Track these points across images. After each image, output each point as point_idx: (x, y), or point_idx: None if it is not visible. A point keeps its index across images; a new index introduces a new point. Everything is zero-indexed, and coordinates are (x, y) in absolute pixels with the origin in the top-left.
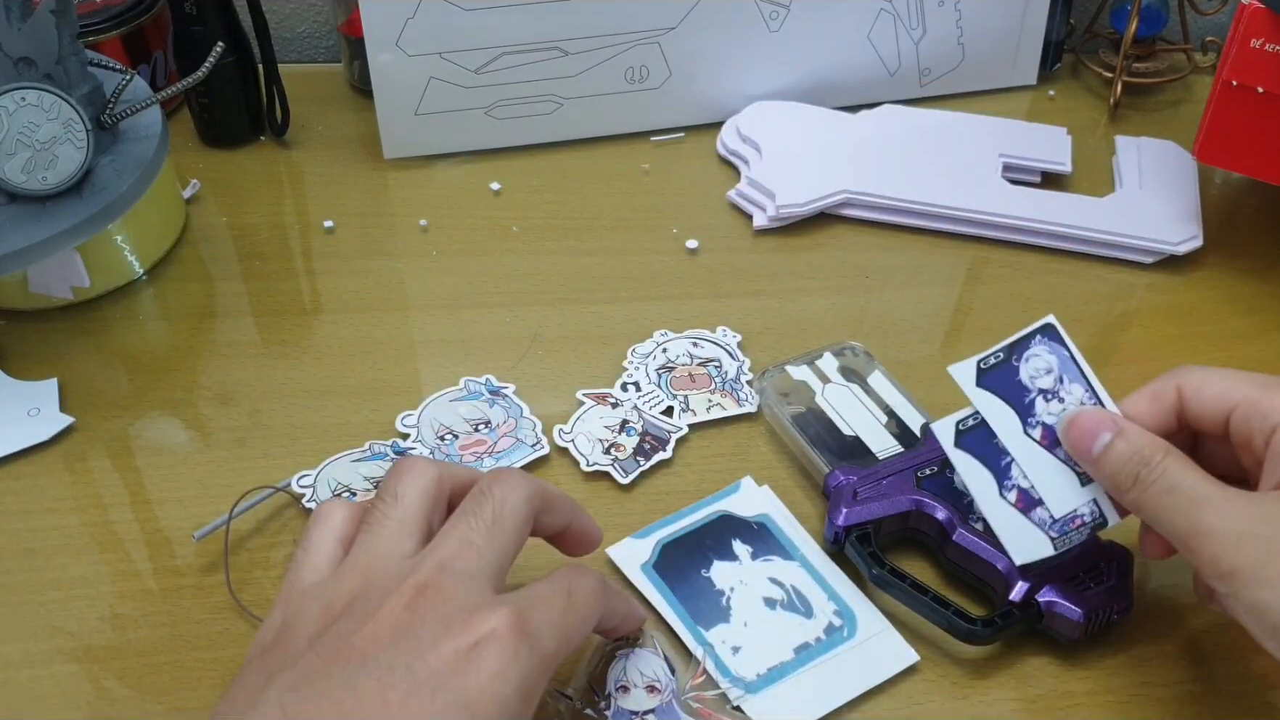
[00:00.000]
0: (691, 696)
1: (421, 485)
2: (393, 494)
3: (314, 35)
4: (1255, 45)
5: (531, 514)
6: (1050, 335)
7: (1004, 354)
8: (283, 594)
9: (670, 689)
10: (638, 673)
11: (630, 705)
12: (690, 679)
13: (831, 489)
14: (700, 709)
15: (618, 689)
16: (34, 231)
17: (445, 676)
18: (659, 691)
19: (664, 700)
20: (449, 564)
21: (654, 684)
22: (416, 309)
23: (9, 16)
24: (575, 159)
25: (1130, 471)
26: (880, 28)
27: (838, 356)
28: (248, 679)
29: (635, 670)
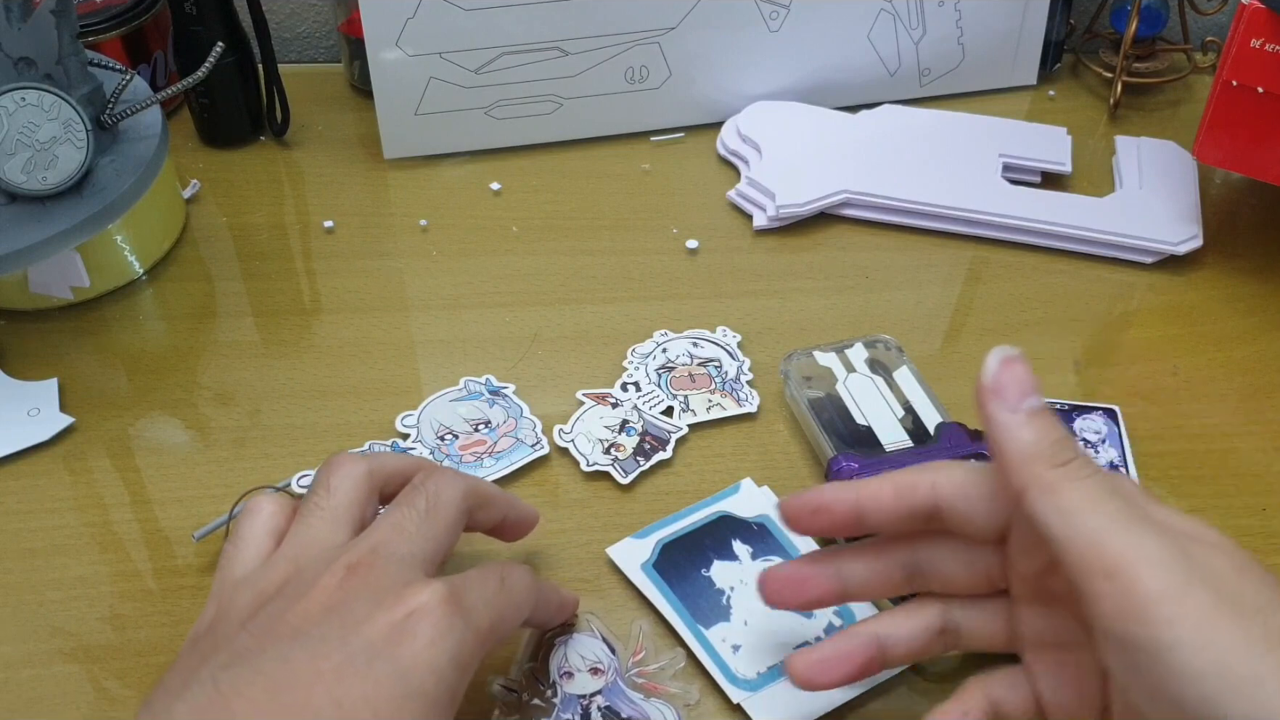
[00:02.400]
0: (635, 673)
1: (354, 478)
2: (325, 487)
3: (314, 35)
4: (1255, 45)
5: (465, 509)
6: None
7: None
8: (214, 588)
9: (613, 668)
10: (579, 657)
11: (576, 689)
12: (631, 656)
13: (833, 473)
14: (645, 684)
15: (562, 675)
16: (34, 231)
17: (379, 646)
18: (603, 672)
19: (609, 680)
20: (381, 547)
21: (597, 665)
22: (416, 309)
23: (9, 16)
24: (575, 159)
25: (1065, 448)
26: (880, 28)
27: (869, 348)
28: (181, 664)
29: (576, 654)
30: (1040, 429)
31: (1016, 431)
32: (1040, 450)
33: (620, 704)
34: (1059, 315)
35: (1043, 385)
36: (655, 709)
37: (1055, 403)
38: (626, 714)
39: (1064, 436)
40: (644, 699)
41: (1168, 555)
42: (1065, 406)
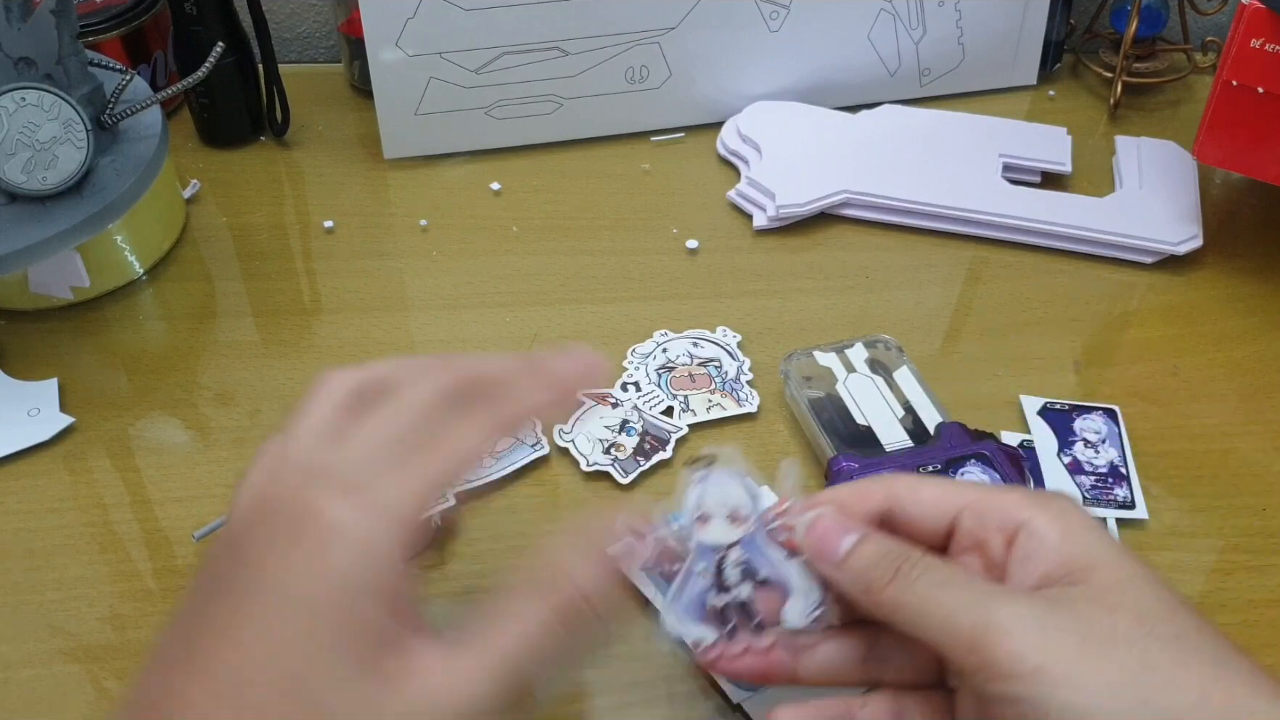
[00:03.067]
0: (778, 525)
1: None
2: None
3: (314, 35)
4: (1255, 45)
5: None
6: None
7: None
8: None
9: (755, 518)
10: (716, 499)
11: (711, 538)
12: (777, 506)
13: (832, 472)
14: (789, 540)
15: (697, 519)
16: (34, 231)
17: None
18: (742, 521)
19: (748, 531)
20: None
21: (736, 512)
22: (416, 309)
23: (9, 16)
24: (575, 159)
25: (889, 565)
26: (880, 28)
27: (869, 348)
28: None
29: (714, 497)
30: (859, 565)
31: (845, 580)
32: (868, 582)
33: (759, 562)
34: (1059, 315)
35: (1044, 386)
36: (798, 571)
37: (1055, 403)
38: (764, 574)
39: (882, 554)
40: (786, 558)
41: (1019, 612)
42: (1065, 406)
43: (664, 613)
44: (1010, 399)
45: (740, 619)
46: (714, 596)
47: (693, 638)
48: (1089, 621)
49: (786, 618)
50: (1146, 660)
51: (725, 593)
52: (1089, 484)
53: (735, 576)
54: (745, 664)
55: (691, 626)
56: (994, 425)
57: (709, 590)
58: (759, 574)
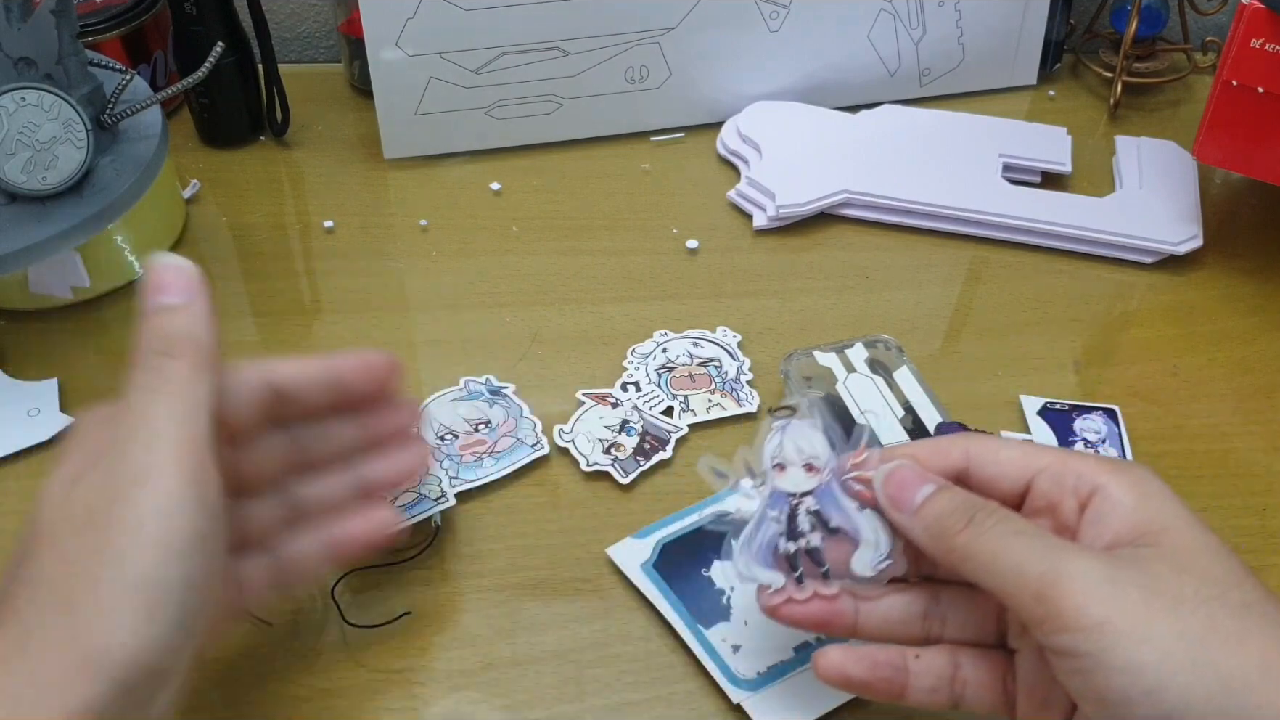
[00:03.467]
0: (853, 477)
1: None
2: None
3: (314, 35)
4: (1255, 45)
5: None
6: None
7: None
8: None
9: (831, 468)
10: (795, 448)
11: (787, 485)
12: (853, 455)
13: None
14: (862, 491)
15: (774, 466)
16: (34, 231)
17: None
18: (818, 471)
19: (823, 481)
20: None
21: (813, 461)
22: (416, 309)
23: (9, 16)
24: (575, 159)
25: (964, 513)
26: (880, 28)
27: (869, 348)
28: None
29: (792, 444)
30: (934, 512)
31: (918, 528)
32: (942, 529)
33: (831, 510)
34: (1059, 315)
35: (1044, 386)
36: (868, 522)
37: (1055, 403)
38: (836, 523)
39: (958, 504)
40: (858, 509)
41: (1088, 566)
42: (1065, 406)
43: (735, 555)
44: (1010, 399)
45: (808, 566)
46: (785, 543)
47: (762, 580)
48: (1158, 581)
49: (855, 566)
50: (1212, 623)
51: (796, 540)
52: None
53: (807, 524)
54: (810, 610)
55: (761, 570)
56: (994, 425)
57: (780, 536)
58: (831, 523)
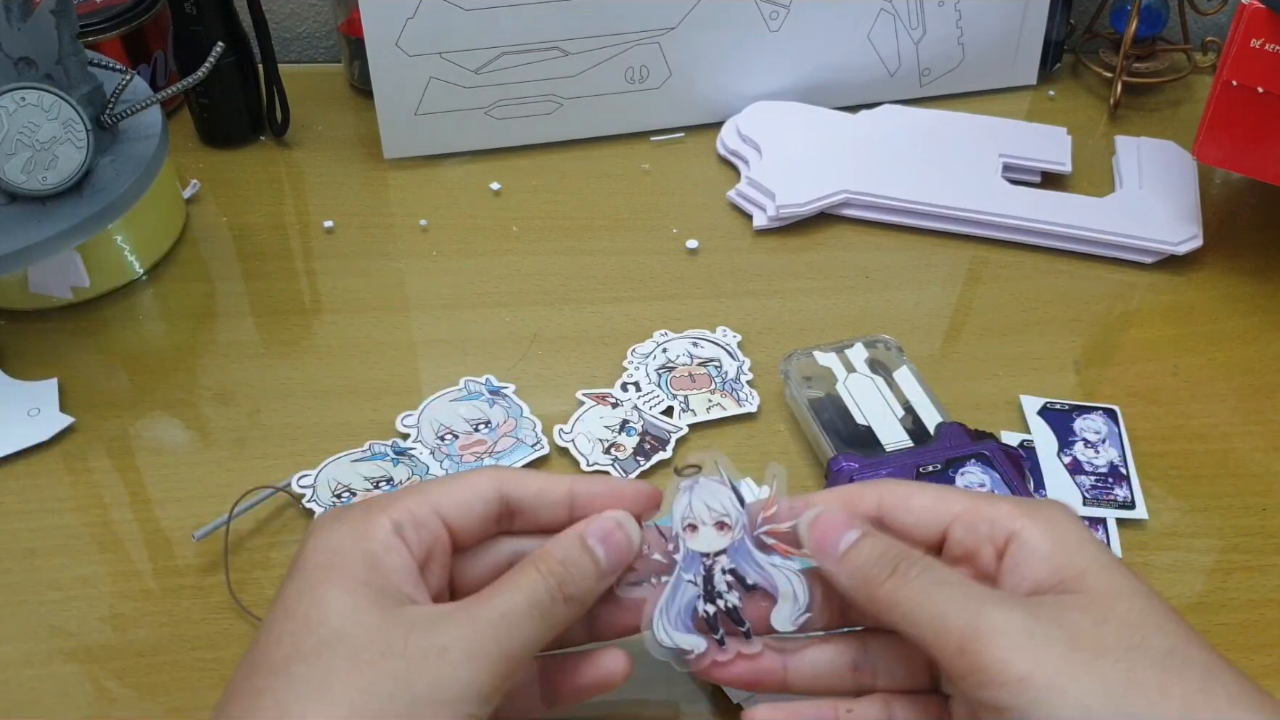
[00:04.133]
0: (765, 531)
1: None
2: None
3: (314, 35)
4: (1255, 45)
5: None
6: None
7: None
8: None
9: (741, 524)
10: (705, 506)
11: (700, 546)
12: (762, 511)
13: (833, 472)
14: (775, 545)
15: (685, 528)
16: (34, 231)
17: (290, 573)
18: (730, 528)
19: (736, 538)
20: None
21: (724, 519)
22: (416, 309)
23: (9, 16)
24: (575, 159)
25: (888, 562)
26: (880, 28)
27: (869, 348)
28: None
29: (702, 504)
30: (859, 560)
31: (844, 575)
32: (866, 577)
33: (746, 568)
34: (1059, 315)
35: (1044, 386)
36: (783, 575)
37: (1055, 403)
38: (753, 580)
39: (882, 551)
40: (773, 563)
41: (1009, 618)
42: (1065, 406)
43: (655, 622)
44: (1010, 399)
45: (728, 626)
46: (703, 605)
47: (684, 646)
48: (1078, 631)
49: (774, 622)
50: (1133, 674)
51: (714, 601)
52: (1089, 484)
53: (724, 584)
54: (736, 672)
55: (682, 636)
56: (994, 425)
57: (698, 598)
58: (747, 580)
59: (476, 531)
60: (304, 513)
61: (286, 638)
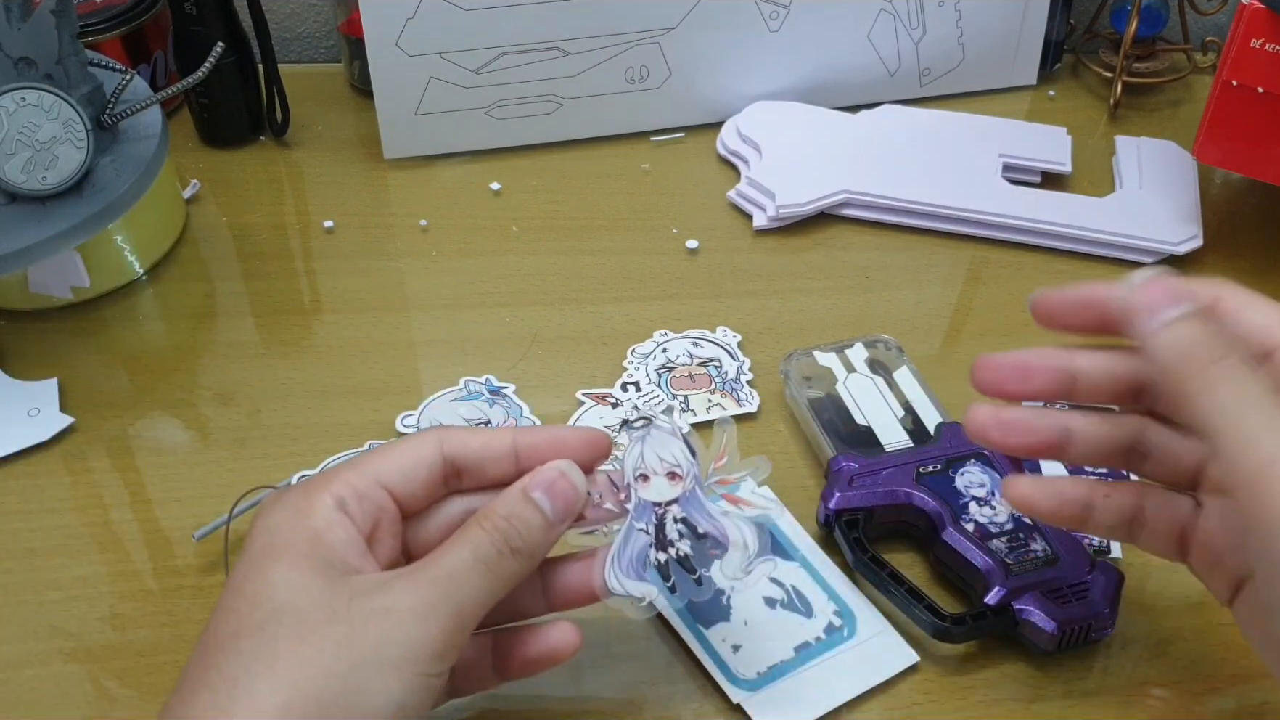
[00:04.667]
0: (716, 481)
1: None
2: None
3: (314, 35)
4: (1255, 45)
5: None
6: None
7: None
8: None
9: (693, 474)
10: (656, 457)
11: (651, 495)
12: (713, 460)
13: (832, 472)
14: (726, 495)
15: (637, 478)
16: (34, 231)
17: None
18: (681, 478)
19: (687, 488)
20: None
21: (675, 469)
22: (416, 309)
23: (9, 16)
24: (575, 159)
25: (1213, 350)
26: (880, 28)
27: (869, 348)
28: None
29: (653, 454)
30: (1183, 337)
31: (1160, 347)
32: (1186, 356)
33: (698, 516)
34: None
35: None
36: (734, 525)
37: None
38: (704, 529)
39: (1212, 336)
40: (723, 512)
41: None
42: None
43: (606, 570)
44: None
45: (680, 574)
46: (655, 553)
47: (635, 594)
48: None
49: (724, 570)
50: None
51: (665, 549)
52: None
53: (675, 532)
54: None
55: (633, 583)
56: None
57: (650, 546)
58: (699, 528)
59: (423, 495)
60: None
61: (233, 614)
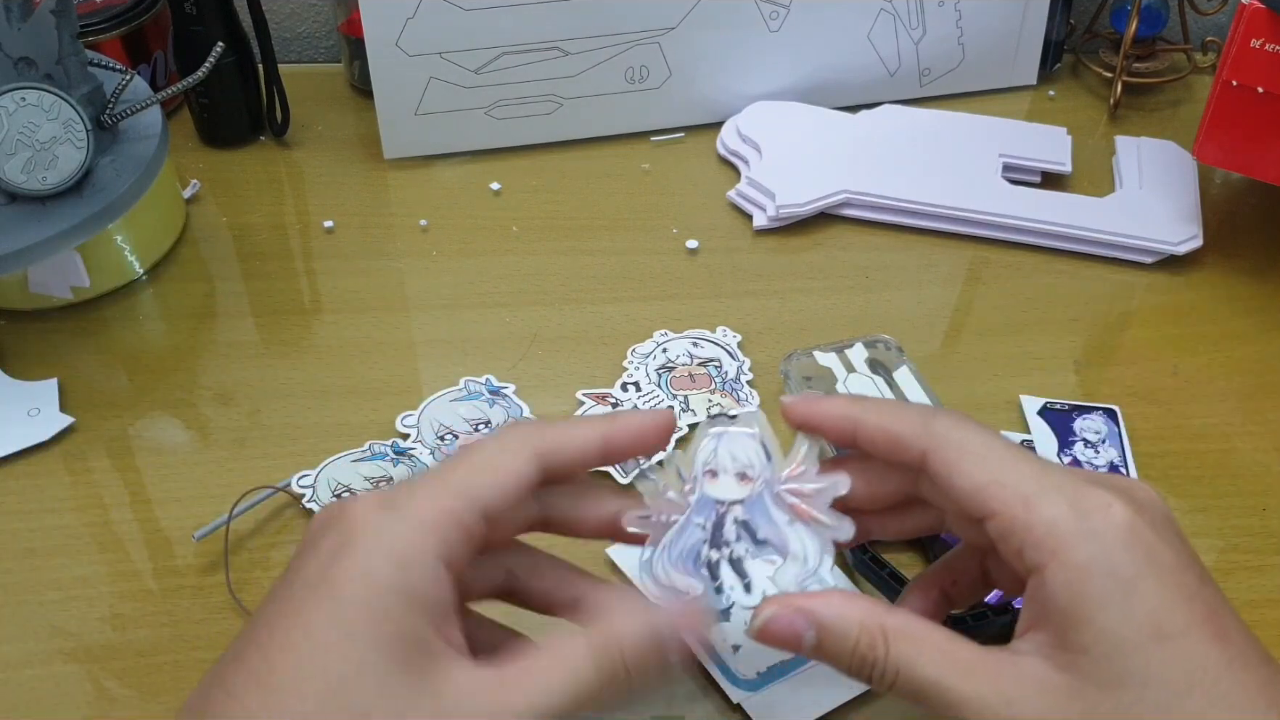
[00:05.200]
0: (787, 489)
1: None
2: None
3: (314, 35)
4: (1255, 45)
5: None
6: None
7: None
8: None
9: (764, 479)
10: (729, 456)
11: (716, 493)
12: (789, 468)
13: None
14: (795, 505)
15: (705, 472)
16: (34, 231)
17: (314, 577)
18: (751, 481)
19: (754, 491)
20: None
21: (747, 471)
22: (416, 309)
23: (9, 16)
24: (575, 159)
25: (860, 668)
26: (880, 28)
27: (869, 348)
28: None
29: (727, 453)
30: (831, 659)
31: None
32: (856, 677)
33: (759, 521)
34: (1059, 315)
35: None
36: (797, 536)
37: (1055, 403)
38: (763, 535)
39: (848, 658)
40: (788, 522)
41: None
42: (1065, 406)
43: (655, 557)
44: (1010, 399)
45: (729, 576)
46: (707, 550)
47: (679, 587)
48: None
49: (778, 580)
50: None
51: (719, 548)
52: None
53: (733, 534)
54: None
55: (679, 576)
56: (994, 425)
57: (704, 543)
58: (759, 534)
59: (509, 515)
60: (304, 513)
61: (275, 653)
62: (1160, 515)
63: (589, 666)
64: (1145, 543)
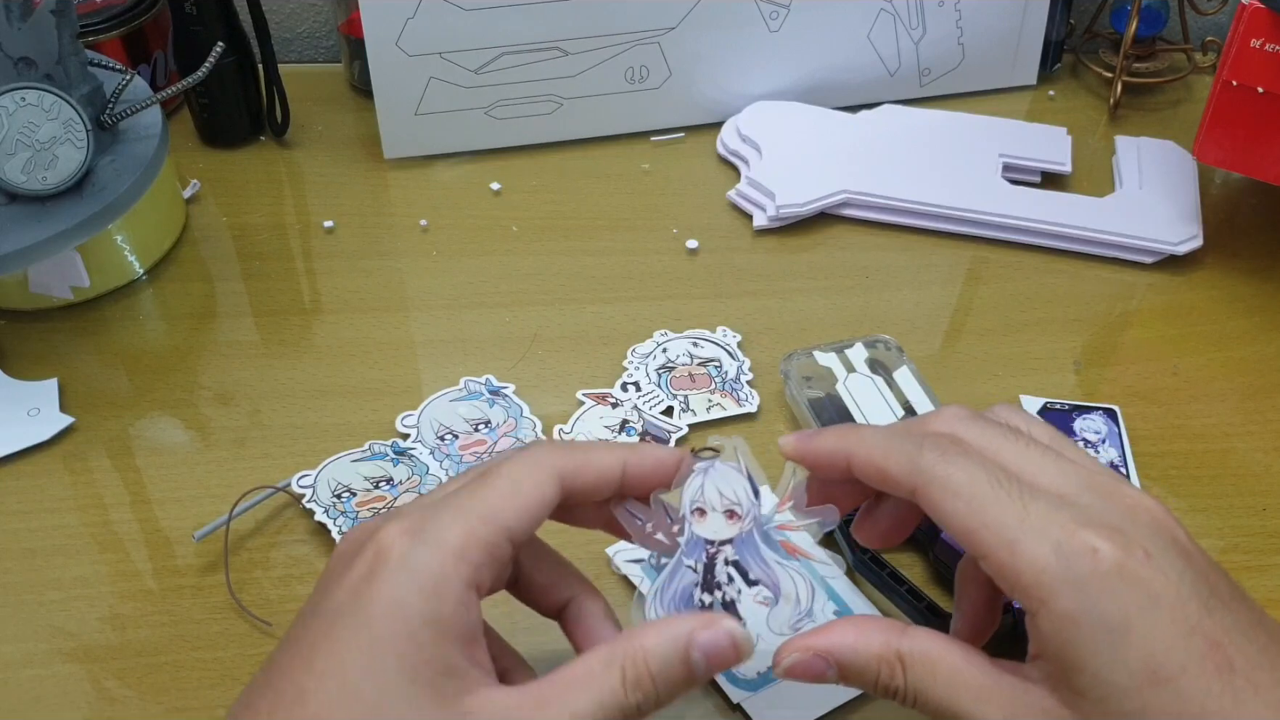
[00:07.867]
0: (776, 526)
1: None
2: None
3: (314, 35)
4: (1255, 45)
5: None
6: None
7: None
8: None
9: (752, 515)
10: (716, 493)
11: (705, 532)
12: (778, 500)
13: None
14: (784, 542)
15: (693, 511)
16: (34, 231)
17: (344, 603)
18: (739, 518)
19: (744, 529)
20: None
21: (734, 508)
22: (416, 309)
23: (9, 16)
24: (575, 159)
25: (885, 694)
26: (880, 28)
27: (869, 348)
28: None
29: (714, 489)
30: (855, 684)
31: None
32: (878, 685)
33: (750, 561)
34: (1059, 315)
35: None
36: (787, 575)
37: (1055, 403)
38: (755, 575)
39: (870, 685)
40: (778, 560)
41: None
42: (1065, 406)
43: (649, 601)
44: (1010, 399)
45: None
46: (700, 593)
47: None
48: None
49: (771, 623)
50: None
51: (712, 592)
52: None
53: (724, 576)
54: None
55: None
56: None
57: (695, 586)
58: (750, 574)
59: (530, 538)
60: (304, 513)
61: (312, 687)
62: (1161, 540)
63: (616, 682)
64: (1138, 582)
